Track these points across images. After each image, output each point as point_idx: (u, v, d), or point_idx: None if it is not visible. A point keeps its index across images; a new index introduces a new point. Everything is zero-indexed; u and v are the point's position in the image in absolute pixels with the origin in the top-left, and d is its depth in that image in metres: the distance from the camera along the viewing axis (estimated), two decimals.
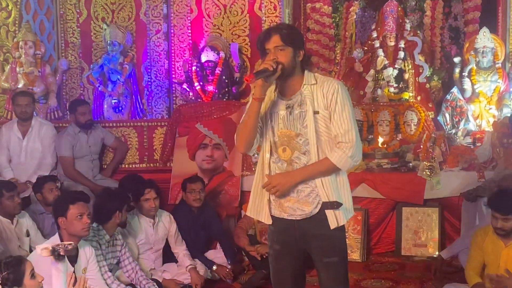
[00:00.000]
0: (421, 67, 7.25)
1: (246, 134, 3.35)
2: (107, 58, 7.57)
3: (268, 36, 3.30)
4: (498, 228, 4.47)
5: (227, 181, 6.56)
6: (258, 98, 3.25)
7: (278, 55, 3.26)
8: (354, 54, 7.44)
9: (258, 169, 3.50)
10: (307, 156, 3.35)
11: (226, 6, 7.58)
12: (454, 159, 6.34)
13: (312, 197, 3.36)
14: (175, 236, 5.53)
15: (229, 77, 7.31)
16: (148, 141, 7.20)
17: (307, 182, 3.35)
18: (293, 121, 3.35)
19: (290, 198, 3.37)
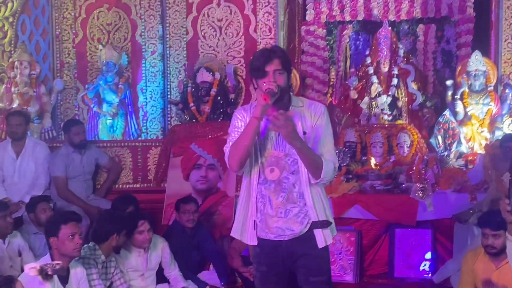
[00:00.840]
0: (414, 95, 7.31)
1: (242, 152, 3.33)
2: (103, 79, 7.60)
3: (270, 59, 3.34)
4: (489, 245, 4.51)
5: (221, 201, 6.57)
6: (258, 118, 3.26)
7: (277, 78, 3.31)
8: (349, 81, 7.51)
9: (243, 191, 3.51)
10: (295, 175, 3.39)
11: (221, 28, 7.65)
12: (447, 181, 6.36)
13: (301, 216, 3.40)
14: (169, 260, 5.48)
15: (224, 98, 7.34)
16: (143, 161, 7.22)
17: (296, 202, 3.39)
18: (282, 141, 3.39)
19: (278, 219, 3.39)
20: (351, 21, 8.02)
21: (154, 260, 5.40)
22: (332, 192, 6.18)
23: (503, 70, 7.16)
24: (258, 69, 3.36)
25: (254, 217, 3.43)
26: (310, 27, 7.96)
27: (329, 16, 7.95)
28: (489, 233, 4.54)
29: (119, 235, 4.91)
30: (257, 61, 3.37)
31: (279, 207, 3.39)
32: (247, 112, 3.46)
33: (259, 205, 3.43)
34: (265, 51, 3.46)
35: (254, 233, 3.44)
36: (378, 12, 7.74)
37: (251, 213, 3.43)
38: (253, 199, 3.42)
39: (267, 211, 3.41)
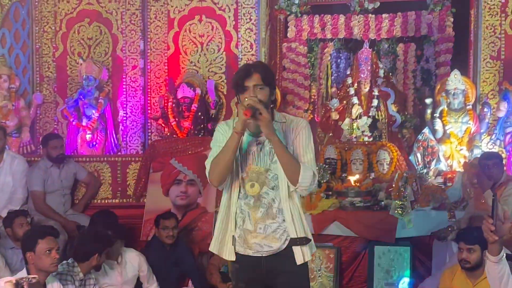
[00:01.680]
0: (394, 117, 7.38)
1: (223, 167, 3.33)
2: (83, 93, 7.58)
3: (249, 73, 3.35)
4: (463, 259, 4.53)
5: (201, 217, 6.53)
6: (239, 133, 3.27)
7: (258, 93, 3.31)
8: (330, 103, 7.56)
9: (223, 205, 3.50)
10: (275, 191, 3.40)
11: (203, 43, 7.68)
12: (425, 199, 6.39)
13: (279, 233, 3.39)
14: (147, 274, 5.45)
15: (205, 113, 7.35)
16: (122, 176, 7.16)
17: (275, 218, 3.39)
18: (263, 157, 3.41)
19: (257, 235, 3.39)
20: (332, 39, 8.09)
21: (130, 274, 5.36)
22: (311, 208, 6.19)
23: (481, 89, 7.25)
24: (238, 84, 3.37)
25: (233, 233, 3.42)
26: (292, 44, 8.02)
27: (311, 34, 8.02)
28: (463, 247, 4.58)
29: (101, 255, 4.85)
30: (237, 76, 3.39)
31: (258, 222, 3.39)
32: (230, 126, 3.45)
33: (238, 220, 3.42)
34: (245, 66, 3.47)
35: (233, 248, 3.43)
36: (359, 30, 7.82)
37: (230, 228, 3.43)
38: (233, 214, 3.42)
39: (246, 227, 3.40)
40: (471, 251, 4.52)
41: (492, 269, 3.26)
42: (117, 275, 5.26)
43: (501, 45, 7.22)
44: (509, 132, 6.99)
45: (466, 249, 4.53)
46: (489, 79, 7.25)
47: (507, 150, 6.92)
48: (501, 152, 6.80)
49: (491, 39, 7.24)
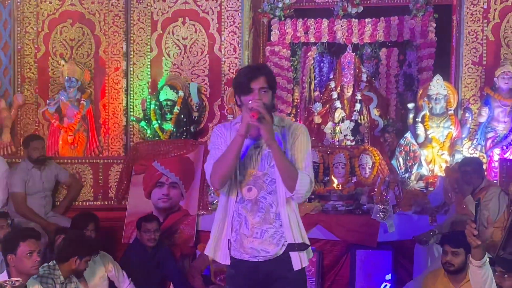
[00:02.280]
0: (376, 121, 7.41)
1: (226, 169, 3.30)
2: (64, 94, 7.52)
3: (256, 76, 3.33)
4: (447, 262, 4.55)
5: (183, 220, 6.49)
6: (243, 135, 3.25)
7: (262, 96, 3.30)
8: (313, 107, 7.58)
9: (220, 209, 3.47)
10: (273, 195, 3.38)
11: (186, 46, 7.66)
12: (407, 203, 6.42)
13: (276, 238, 3.37)
14: (115, 273, 5.36)
15: (188, 116, 7.34)
16: (104, 179, 7.12)
17: (272, 223, 3.36)
18: (261, 161, 3.39)
19: (253, 239, 3.37)
20: (316, 42, 8.11)
21: (97, 276, 5.27)
22: None
23: (463, 94, 7.31)
24: (243, 85, 3.33)
25: (229, 236, 3.40)
26: (275, 48, 8.03)
27: (294, 37, 8.03)
28: (448, 250, 4.60)
29: (81, 260, 4.79)
30: (243, 77, 3.36)
31: (255, 227, 3.37)
32: (228, 129, 3.44)
33: (235, 224, 3.40)
34: (251, 68, 3.46)
35: (228, 252, 3.41)
36: (342, 34, 7.85)
37: (226, 232, 3.41)
38: (230, 218, 3.40)
39: (243, 231, 3.38)
40: (455, 254, 4.54)
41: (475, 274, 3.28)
42: (82, 279, 5.18)
43: (482, 51, 7.28)
44: (490, 137, 7.05)
45: (450, 252, 4.56)
46: (471, 84, 7.31)
47: (488, 155, 6.98)
48: (482, 157, 6.86)
49: (473, 45, 7.30)
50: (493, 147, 7.00)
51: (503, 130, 7.01)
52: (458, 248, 4.54)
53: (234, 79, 3.45)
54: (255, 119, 3.19)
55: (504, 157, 6.80)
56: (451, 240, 4.65)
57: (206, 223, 6.46)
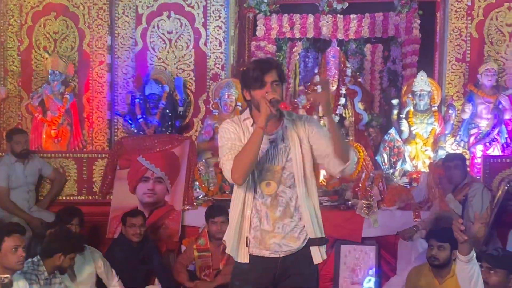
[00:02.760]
0: (361, 115, 7.45)
1: (249, 164, 3.24)
2: (48, 88, 7.45)
3: (268, 69, 3.30)
4: (433, 256, 4.60)
5: (168, 215, 6.48)
6: (263, 127, 3.19)
7: (275, 89, 3.28)
8: (297, 100, 7.59)
9: (235, 208, 3.40)
10: (292, 190, 3.33)
11: (171, 40, 7.64)
12: (391, 199, 6.46)
13: (297, 232, 3.34)
14: (104, 270, 5.37)
15: (173, 111, 7.32)
16: (88, 173, 7.06)
17: (292, 216, 3.33)
18: (277, 155, 3.36)
19: (275, 234, 3.33)
20: (301, 38, 8.11)
21: (85, 272, 5.25)
22: None
23: (447, 91, 7.36)
24: (256, 79, 3.28)
25: (248, 234, 3.36)
26: (260, 43, 8.01)
27: (279, 33, 8.02)
28: (434, 244, 4.65)
29: (65, 256, 4.76)
30: (255, 71, 3.31)
31: (276, 222, 3.33)
32: (238, 125, 3.38)
33: (254, 221, 3.36)
34: (262, 62, 3.43)
35: (247, 250, 3.36)
36: (327, 30, 7.86)
37: (245, 230, 3.36)
38: (248, 215, 3.35)
39: (264, 227, 3.34)
40: (441, 249, 4.60)
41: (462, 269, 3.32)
42: (71, 274, 5.17)
43: (466, 47, 7.34)
44: (473, 134, 7.12)
45: (436, 246, 4.61)
46: (454, 81, 7.37)
47: (471, 152, 7.04)
48: (465, 153, 6.92)
49: (457, 42, 7.36)
50: (476, 143, 7.07)
51: (486, 127, 7.08)
52: (444, 243, 4.60)
53: (244, 74, 3.38)
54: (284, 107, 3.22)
55: (487, 153, 6.86)
56: (437, 235, 4.70)
57: (191, 218, 6.47)
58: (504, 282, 3.79)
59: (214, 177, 6.65)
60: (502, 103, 7.03)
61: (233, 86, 7.18)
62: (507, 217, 6.02)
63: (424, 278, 4.73)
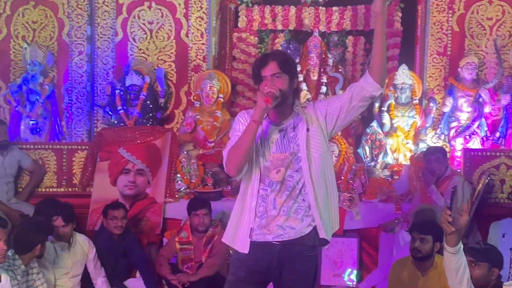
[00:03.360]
0: None
1: (241, 156, 3.28)
2: (26, 78, 7.34)
3: (265, 63, 3.33)
4: (415, 248, 4.63)
5: (149, 208, 6.42)
6: (257, 121, 3.23)
7: (276, 82, 3.28)
8: None
9: (241, 198, 3.42)
10: (299, 173, 3.32)
11: (152, 30, 7.56)
12: (373, 191, 6.50)
13: (300, 213, 3.33)
14: (93, 261, 5.37)
15: (154, 102, 7.24)
16: (67, 165, 6.97)
17: (295, 198, 3.33)
18: (287, 143, 3.37)
19: (280, 217, 3.32)
20: (283, 30, 8.10)
21: (79, 254, 5.29)
22: None
23: (427, 84, 7.40)
24: (255, 75, 3.36)
25: (252, 224, 3.35)
26: (242, 34, 8.00)
27: (261, 24, 8.02)
28: (417, 236, 4.68)
29: (43, 245, 4.73)
30: (254, 66, 3.40)
31: (282, 205, 3.32)
32: (250, 115, 3.37)
33: (260, 210, 3.35)
34: (261, 56, 3.48)
35: (248, 240, 3.35)
36: (309, 22, 7.85)
37: (249, 220, 3.36)
38: (253, 205, 3.35)
39: (271, 213, 3.34)
40: (423, 241, 4.63)
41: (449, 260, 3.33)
42: (67, 257, 5.19)
43: (447, 41, 7.38)
44: (454, 127, 7.17)
45: (419, 238, 4.64)
46: (435, 74, 7.41)
47: (451, 145, 7.09)
48: (445, 146, 6.96)
49: (438, 35, 7.39)
50: (456, 136, 7.13)
51: (466, 120, 7.14)
52: (427, 235, 4.63)
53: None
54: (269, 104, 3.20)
55: (467, 146, 6.91)
56: (419, 227, 4.73)
57: (173, 210, 6.42)
58: (487, 275, 3.81)
59: (196, 170, 6.61)
60: (482, 97, 7.09)
61: (215, 77, 7.14)
62: (487, 210, 6.09)
63: (407, 271, 4.75)
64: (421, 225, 4.79)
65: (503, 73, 7.12)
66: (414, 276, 4.72)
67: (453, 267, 3.35)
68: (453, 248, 3.29)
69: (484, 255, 3.82)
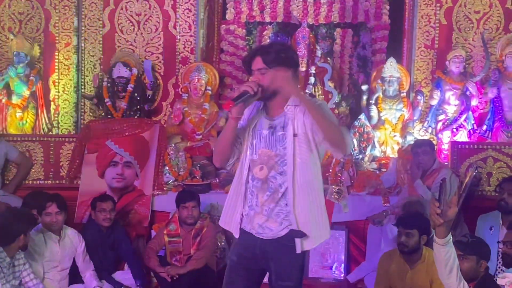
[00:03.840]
0: (330, 93, 7.47)
1: (222, 149, 3.45)
2: (13, 69, 7.27)
3: (252, 58, 3.38)
4: (401, 243, 4.66)
5: (137, 200, 6.41)
6: (235, 118, 3.29)
7: (261, 77, 3.32)
8: None
9: (234, 183, 3.49)
10: (283, 177, 3.33)
11: (139, 22, 7.52)
12: (361, 184, 6.52)
13: (281, 217, 3.35)
14: (82, 255, 5.37)
15: (141, 94, 7.21)
16: (55, 157, 6.93)
17: (277, 202, 3.35)
18: (274, 141, 3.38)
19: (262, 216, 3.38)
20: (271, 22, 8.09)
21: (68, 248, 5.29)
22: None
23: (415, 77, 7.41)
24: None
25: (242, 211, 3.43)
26: (230, 26, 7.98)
27: (249, 16, 8.00)
28: (402, 231, 4.71)
29: (26, 235, 4.70)
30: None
31: (264, 205, 3.37)
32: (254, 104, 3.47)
33: (248, 198, 3.42)
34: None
35: (239, 226, 3.44)
36: (297, 14, 7.85)
37: (241, 206, 3.43)
38: (243, 193, 3.42)
39: (254, 207, 3.40)
40: (409, 236, 4.65)
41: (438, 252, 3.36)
42: (58, 250, 5.19)
43: (435, 34, 7.39)
44: (441, 120, 7.19)
45: (404, 233, 4.67)
46: (423, 67, 7.42)
47: (439, 138, 7.12)
48: (433, 139, 6.99)
49: (426, 28, 7.39)
50: (444, 129, 7.15)
51: (453, 113, 7.16)
52: (412, 230, 4.66)
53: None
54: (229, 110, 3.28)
55: (454, 139, 6.95)
56: (404, 222, 4.76)
57: (161, 203, 6.42)
58: (475, 267, 3.85)
59: (184, 162, 6.60)
60: (469, 90, 7.10)
61: (203, 70, 7.12)
62: (474, 202, 6.14)
63: (395, 263, 4.78)
64: (406, 219, 4.81)
65: (490, 67, 7.13)
66: (402, 269, 4.75)
67: (442, 259, 3.37)
68: (442, 240, 3.31)
69: (472, 248, 3.85)
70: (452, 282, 3.45)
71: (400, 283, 4.75)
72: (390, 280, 4.82)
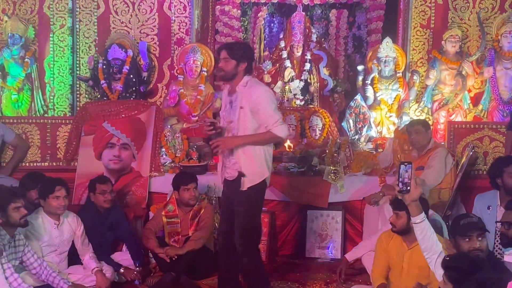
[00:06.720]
0: (326, 81, 7.48)
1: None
2: (8, 51, 7.24)
3: (220, 50, 4.72)
4: (391, 223, 4.71)
5: (135, 181, 6.43)
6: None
7: (223, 64, 4.64)
8: (263, 65, 7.56)
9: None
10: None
11: (134, 3, 7.48)
12: (358, 164, 6.53)
13: (234, 167, 4.68)
14: (81, 238, 5.36)
15: (137, 76, 7.21)
16: (51, 139, 6.92)
17: (231, 155, 4.68)
18: (231, 112, 4.71)
19: (228, 167, 4.73)
20: (266, 3, 8.06)
21: (67, 233, 5.26)
22: None
23: (411, 57, 7.40)
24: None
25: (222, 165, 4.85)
26: (225, 7, 7.95)
27: None
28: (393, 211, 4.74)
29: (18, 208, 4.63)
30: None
31: (226, 158, 4.75)
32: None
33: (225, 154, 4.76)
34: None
35: (222, 174, 4.86)
36: None
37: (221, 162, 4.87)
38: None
39: (225, 161, 4.77)
40: (398, 216, 4.67)
41: (415, 231, 3.63)
42: (56, 234, 5.17)
43: (431, 14, 7.37)
44: (437, 100, 7.20)
45: (395, 214, 4.69)
46: (419, 47, 7.41)
47: (434, 118, 7.14)
48: (428, 119, 7.01)
49: (422, 8, 7.37)
50: (439, 109, 7.16)
51: (449, 93, 7.17)
52: (400, 211, 4.65)
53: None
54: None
55: (450, 119, 6.97)
56: (394, 203, 4.76)
57: (158, 184, 6.43)
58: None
59: (180, 143, 6.61)
60: (465, 69, 7.11)
61: (198, 51, 7.10)
62: (470, 182, 6.17)
63: (393, 242, 4.80)
64: (395, 201, 4.82)
65: (486, 46, 7.13)
66: (400, 248, 4.76)
67: (418, 237, 3.62)
68: (415, 217, 3.75)
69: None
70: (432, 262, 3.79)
71: (399, 262, 4.77)
72: (389, 259, 4.85)
